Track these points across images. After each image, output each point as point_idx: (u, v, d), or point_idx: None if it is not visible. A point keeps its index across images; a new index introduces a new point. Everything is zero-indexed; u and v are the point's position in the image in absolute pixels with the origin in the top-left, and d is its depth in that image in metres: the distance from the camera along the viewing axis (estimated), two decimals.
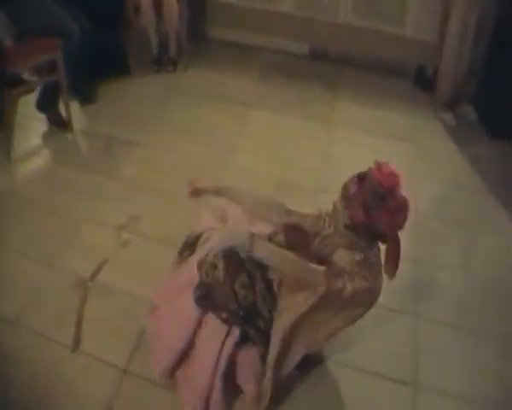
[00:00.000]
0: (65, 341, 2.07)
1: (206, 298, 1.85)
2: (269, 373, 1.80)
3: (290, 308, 1.74)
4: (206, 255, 1.89)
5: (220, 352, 1.80)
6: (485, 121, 3.52)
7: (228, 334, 1.82)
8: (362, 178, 1.61)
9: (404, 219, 1.59)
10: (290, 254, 1.71)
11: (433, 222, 2.79)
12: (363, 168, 1.63)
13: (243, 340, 1.83)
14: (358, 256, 1.66)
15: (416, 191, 2.88)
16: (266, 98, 3.67)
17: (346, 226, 1.64)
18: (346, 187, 1.64)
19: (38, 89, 3.11)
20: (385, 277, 1.69)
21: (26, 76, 2.98)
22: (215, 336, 1.82)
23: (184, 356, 1.88)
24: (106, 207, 2.67)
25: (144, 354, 2.03)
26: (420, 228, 2.66)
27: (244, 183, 2.84)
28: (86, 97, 3.43)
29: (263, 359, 1.82)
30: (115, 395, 1.92)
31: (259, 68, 4.01)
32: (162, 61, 3.86)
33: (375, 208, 1.56)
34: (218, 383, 1.81)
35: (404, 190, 1.60)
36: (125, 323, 2.15)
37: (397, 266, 1.65)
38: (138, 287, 2.27)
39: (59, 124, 3.20)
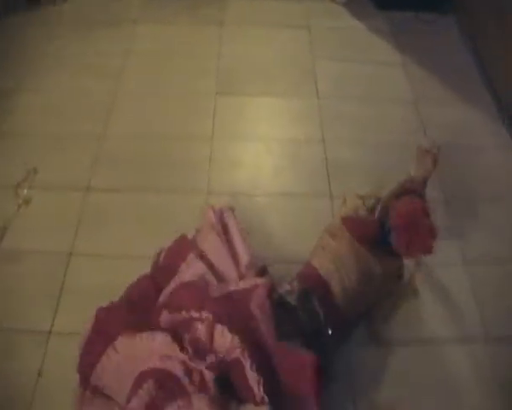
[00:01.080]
0: None
1: None
2: None
3: None
4: None
5: None
6: None
7: None
8: None
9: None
10: None
11: (339, 102, 2.76)
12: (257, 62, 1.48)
13: None
14: None
15: (318, 74, 2.84)
16: (155, 11, 3.38)
17: None
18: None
19: None
20: None
21: None
22: None
23: None
24: None
25: (66, 307, 1.92)
26: (326, 111, 2.66)
27: (143, 104, 2.72)
28: None
29: None
30: (43, 359, 1.80)
31: None
32: None
33: None
34: None
35: None
36: (43, 283, 2.00)
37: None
38: (50, 242, 2.12)
39: None
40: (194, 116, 2.66)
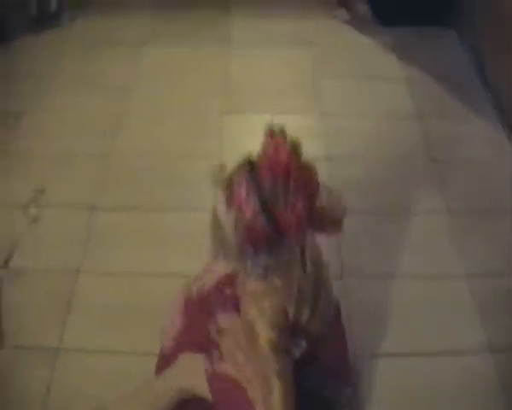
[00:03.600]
0: None
1: None
2: None
3: None
4: None
5: None
6: (377, 12, 3.55)
7: None
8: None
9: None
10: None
11: (344, 119, 2.79)
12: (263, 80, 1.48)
13: None
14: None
15: (322, 91, 2.89)
16: (160, 32, 3.45)
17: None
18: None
19: None
20: None
21: None
22: None
23: None
24: (5, 188, 2.46)
25: (74, 324, 1.94)
26: (331, 128, 2.68)
27: (150, 122, 2.77)
28: None
29: None
30: (51, 376, 1.82)
31: (151, 4, 3.76)
32: (43, 19, 3.49)
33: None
34: None
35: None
36: (49, 301, 2.02)
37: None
38: (56, 260, 2.15)
39: None
40: (200, 134, 2.70)
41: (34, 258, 2.17)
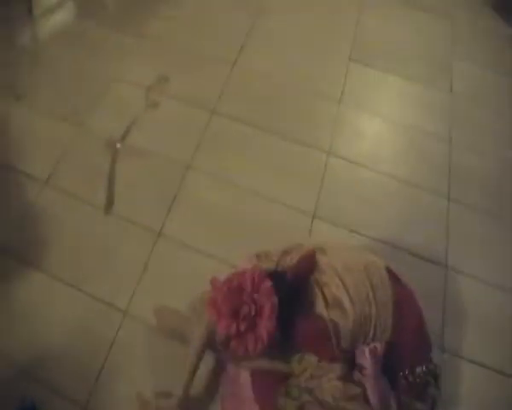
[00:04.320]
0: (97, 202, 2.02)
1: None
2: None
3: None
4: None
5: None
6: None
7: None
8: None
9: None
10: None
11: (473, 107, 2.69)
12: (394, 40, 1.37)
13: None
14: None
15: (454, 71, 2.78)
16: None
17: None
18: None
19: None
20: None
21: None
22: None
23: None
24: (133, 67, 2.49)
25: (177, 216, 2.01)
26: (458, 111, 2.60)
27: (280, 44, 2.74)
28: None
29: None
30: (150, 257, 1.91)
31: None
32: None
33: None
34: None
35: None
36: (157, 185, 2.10)
37: None
38: (168, 150, 2.20)
39: None
40: (326, 76, 2.66)
41: (149, 141, 2.23)
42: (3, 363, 1.66)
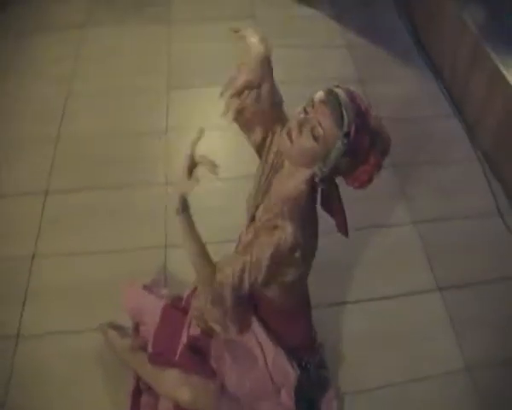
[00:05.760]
0: None
1: None
2: None
3: None
4: None
5: None
6: None
7: None
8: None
9: None
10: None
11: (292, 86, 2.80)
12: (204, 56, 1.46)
13: None
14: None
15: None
16: (101, 13, 3.40)
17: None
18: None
19: None
20: None
21: None
22: None
23: None
24: None
25: (34, 309, 1.96)
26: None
27: (99, 103, 2.76)
28: None
29: None
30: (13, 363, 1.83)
31: None
32: None
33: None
34: None
35: None
36: (8, 288, 2.02)
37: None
38: (7, 249, 2.14)
39: None
40: (150, 113, 2.71)
41: None
42: None
